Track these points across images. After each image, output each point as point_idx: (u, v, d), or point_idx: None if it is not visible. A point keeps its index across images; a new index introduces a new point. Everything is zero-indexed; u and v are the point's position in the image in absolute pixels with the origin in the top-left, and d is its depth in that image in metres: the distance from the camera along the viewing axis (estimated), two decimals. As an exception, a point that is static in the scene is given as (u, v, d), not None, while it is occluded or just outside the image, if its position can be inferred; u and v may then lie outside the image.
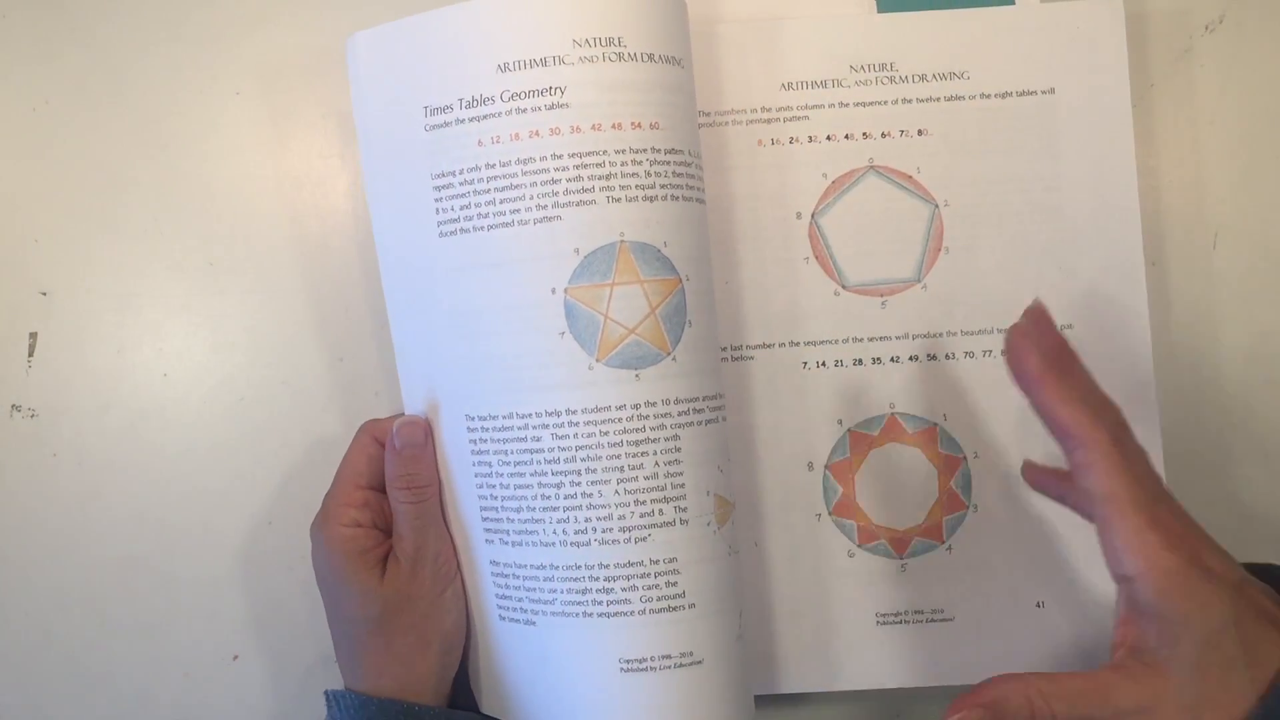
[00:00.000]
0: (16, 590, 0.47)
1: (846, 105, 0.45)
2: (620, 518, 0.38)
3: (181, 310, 0.48)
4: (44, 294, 0.48)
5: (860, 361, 0.44)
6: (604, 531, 0.38)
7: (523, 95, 0.37)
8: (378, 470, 0.42)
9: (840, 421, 0.44)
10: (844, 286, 0.44)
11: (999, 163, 0.44)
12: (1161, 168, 0.47)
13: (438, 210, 0.39)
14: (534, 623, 0.40)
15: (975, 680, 0.43)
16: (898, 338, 0.44)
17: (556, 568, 0.39)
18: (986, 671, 0.43)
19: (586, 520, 0.38)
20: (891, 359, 0.44)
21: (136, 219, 0.48)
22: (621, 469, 0.37)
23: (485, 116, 0.37)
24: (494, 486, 0.40)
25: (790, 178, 0.45)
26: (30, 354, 0.47)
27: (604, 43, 0.37)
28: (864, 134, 0.45)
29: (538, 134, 0.37)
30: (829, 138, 0.45)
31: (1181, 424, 0.46)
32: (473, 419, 0.40)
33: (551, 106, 0.37)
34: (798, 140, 0.45)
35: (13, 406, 0.47)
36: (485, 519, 0.41)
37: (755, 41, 0.44)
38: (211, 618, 0.47)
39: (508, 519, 0.40)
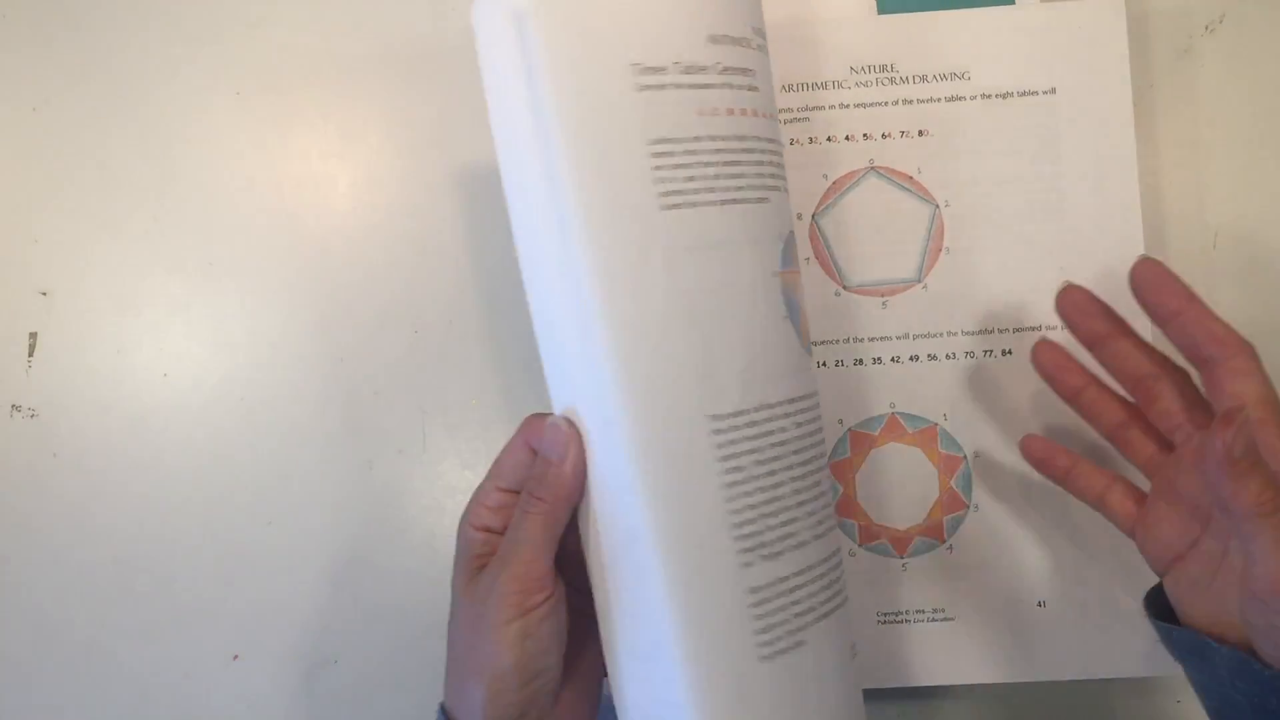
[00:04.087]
0: (16, 590, 0.47)
1: (847, 106, 0.45)
2: (829, 502, 0.37)
3: (181, 310, 0.48)
4: (44, 294, 0.48)
5: (861, 361, 0.44)
6: (829, 518, 0.37)
7: (732, 70, 0.35)
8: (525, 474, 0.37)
9: (841, 421, 0.44)
10: (845, 287, 0.44)
11: (1000, 163, 0.44)
12: (1161, 168, 0.47)
13: (657, 180, 0.34)
14: (804, 641, 0.35)
15: (977, 680, 0.44)
16: (898, 338, 0.44)
17: (812, 567, 0.36)
18: (988, 672, 0.44)
19: (824, 508, 0.36)
20: (892, 359, 0.44)
21: (136, 219, 0.48)
22: (823, 454, 0.37)
23: (704, 86, 0.35)
24: (750, 494, 0.35)
25: (791, 179, 0.44)
26: (30, 354, 0.47)
27: (760, 34, 0.36)
28: (864, 135, 0.45)
29: (746, 112, 0.36)
30: (829, 139, 0.45)
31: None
32: (719, 418, 0.34)
33: (748, 88, 0.36)
34: (798, 141, 0.45)
35: (13, 406, 0.47)
36: (744, 535, 0.35)
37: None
38: (211, 618, 0.47)
39: (768, 528, 0.35)
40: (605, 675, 0.37)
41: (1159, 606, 0.38)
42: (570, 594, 0.37)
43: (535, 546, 0.35)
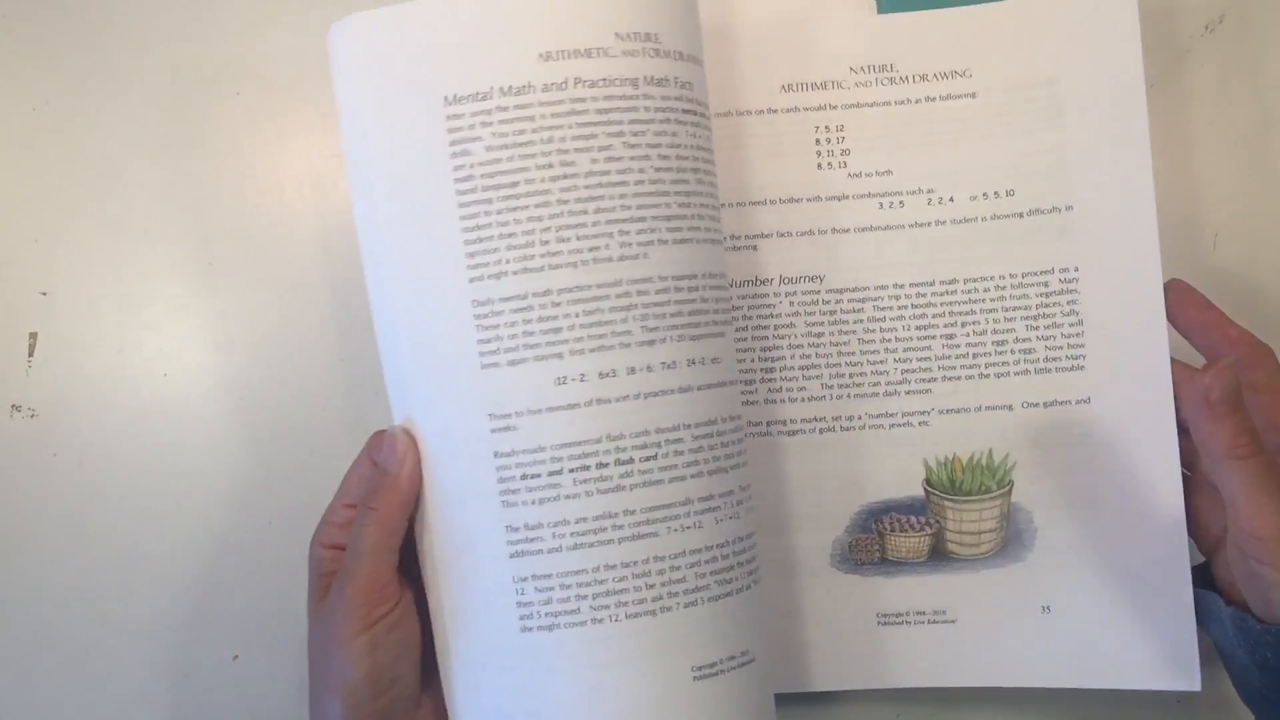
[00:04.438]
0: (16, 590, 0.47)
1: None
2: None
3: (181, 310, 0.48)
4: (44, 294, 0.48)
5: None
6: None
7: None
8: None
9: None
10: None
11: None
12: (1161, 168, 0.47)
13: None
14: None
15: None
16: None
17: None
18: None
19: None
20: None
21: (136, 219, 0.48)
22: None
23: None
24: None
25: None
26: (30, 354, 0.47)
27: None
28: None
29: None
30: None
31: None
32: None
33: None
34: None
35: (13, 406, 0.47)
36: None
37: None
38: (211, 618, 0.47)
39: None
40: None
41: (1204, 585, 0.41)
42: (424, 600, 0.37)
43: (374, 557, 0.36)
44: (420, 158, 0.36)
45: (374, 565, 0.36)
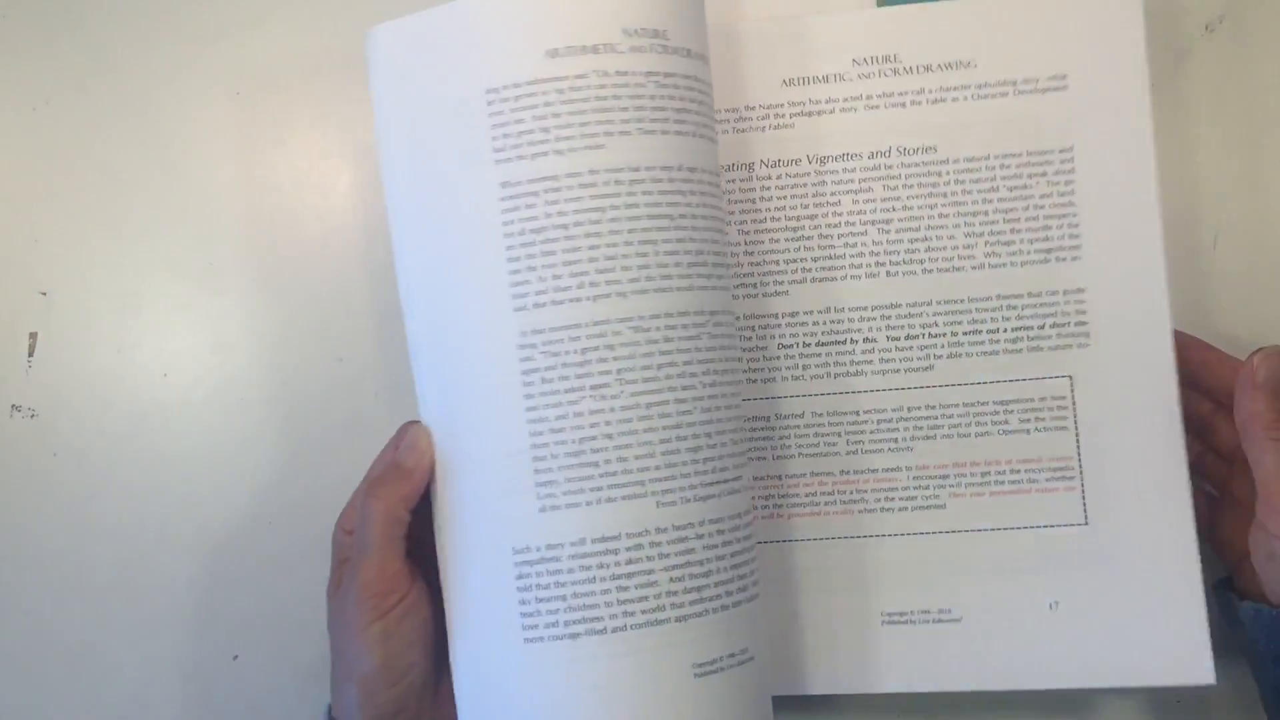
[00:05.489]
0: (16, 590, 0.47)
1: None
2: None
3: (181, 310, 0.48)
4: (44, 294, 0.48)
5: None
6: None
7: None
8: None
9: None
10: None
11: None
12: (1161, 168, 0.47)
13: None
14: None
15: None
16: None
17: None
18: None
19: None
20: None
21: (136, 219, 0.48)
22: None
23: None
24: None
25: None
26: (30, 354, 0.47)
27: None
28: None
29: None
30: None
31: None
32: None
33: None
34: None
35: (13, 406, 0.47)
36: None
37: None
38: (211, 618, 0.47)
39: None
40: None
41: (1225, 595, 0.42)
42: (435, 578, 0.38)
43: (381, 549, 0.36)
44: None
45: (381, 556, 0.36)
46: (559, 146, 0.35)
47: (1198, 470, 0.43)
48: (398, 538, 0.37)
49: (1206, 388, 0.43)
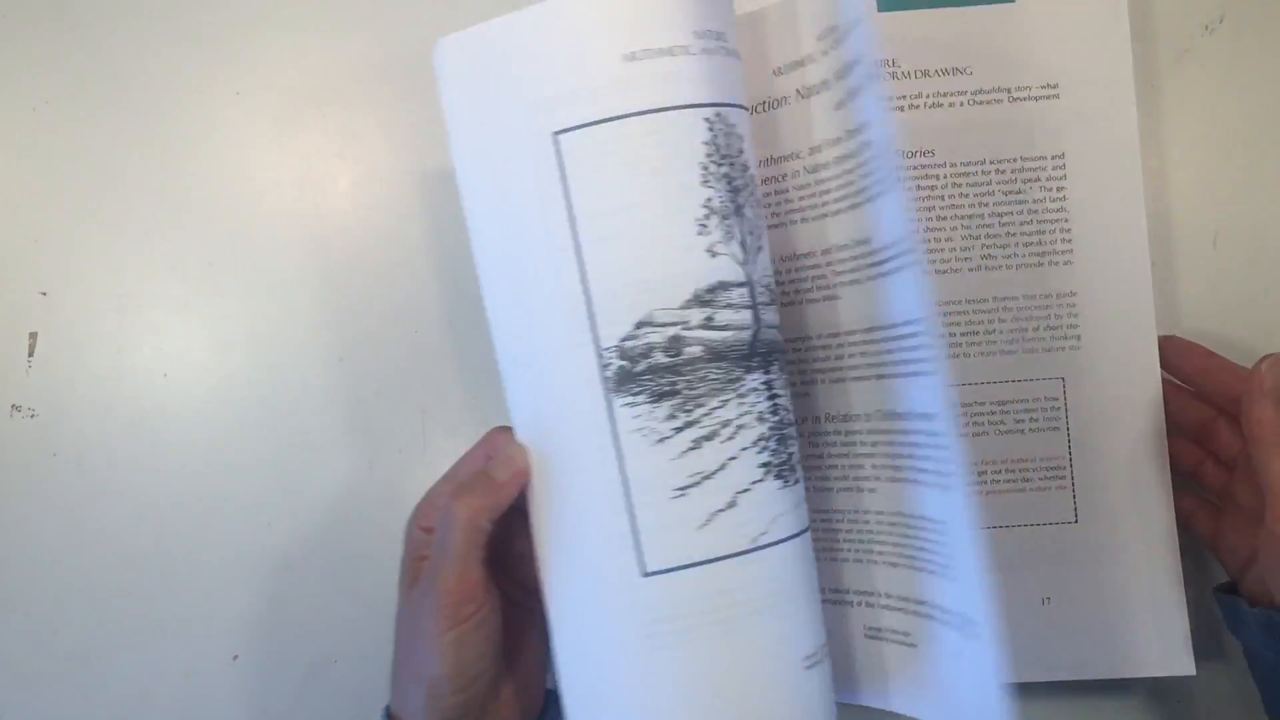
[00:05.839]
0: (16, 590, 0.47)
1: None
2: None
3: (181, 310, 0.48)
4: (44, 294, 0.48)
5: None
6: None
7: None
8: None
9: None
10: None
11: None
12: (1161, 168, 0.47)
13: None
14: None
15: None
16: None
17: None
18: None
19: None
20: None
21: (136, 219, 0.48)
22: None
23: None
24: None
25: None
26: (30, 354, 0.47)
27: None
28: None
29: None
30: None
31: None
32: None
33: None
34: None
35: (13, 406, 0.47)
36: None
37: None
38: (211, 618, 0.47)
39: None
40: (548, 667, 0.38)
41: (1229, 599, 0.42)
42: (508, 585, 0.38)
43: (462, 560, 0.36)
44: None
45: (463, 565, 0.36)
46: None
47: (1197, 478, 0.43)
48: (479, 546, 0.36)
49: (1208, 393, 0.42)
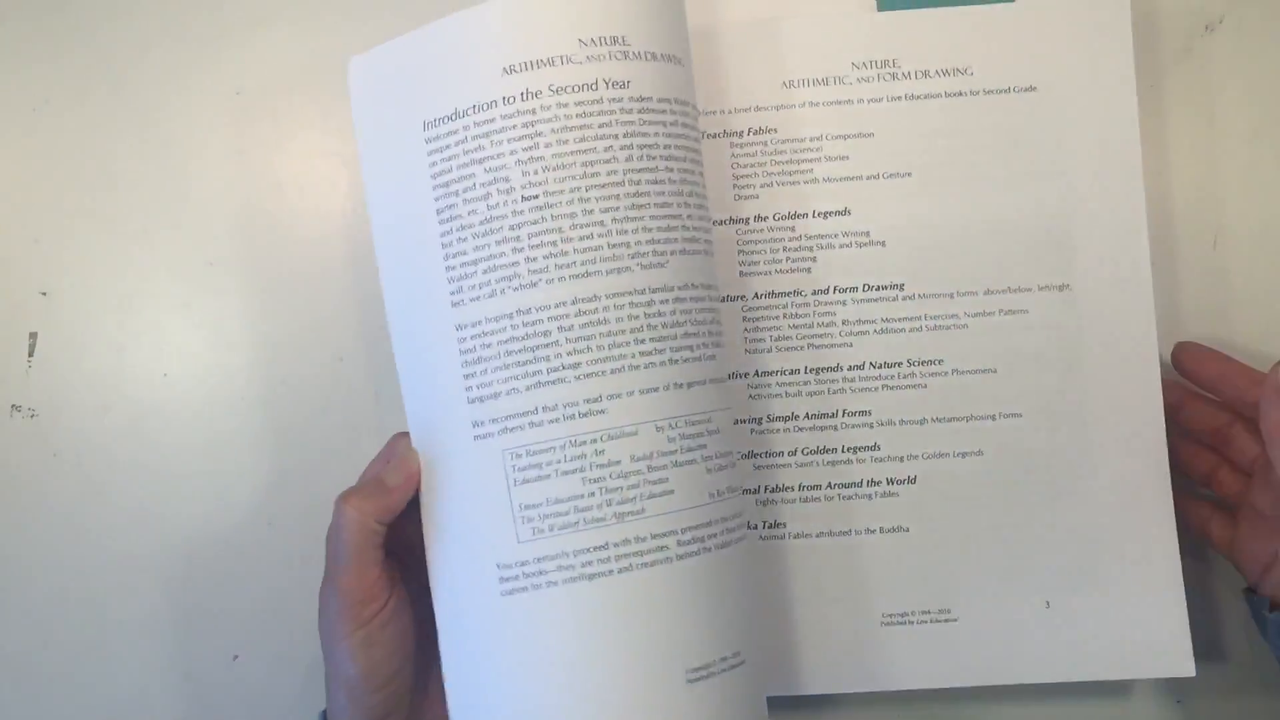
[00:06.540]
0: (16, 590, 0.47)
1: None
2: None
3: (181, 310, 0.48)
4: (44, 294, 0.48)
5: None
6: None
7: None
8: None
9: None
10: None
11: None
12: (1161, 168, 0.47)
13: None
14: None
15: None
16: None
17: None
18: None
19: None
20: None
21: (137, 219, 0.48)
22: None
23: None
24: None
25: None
26: (30, 354, 0.47)
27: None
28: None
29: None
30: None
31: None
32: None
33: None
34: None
35: (13, 406, 0.47)
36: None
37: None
38: (211, 618, 0.47)
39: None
40: None
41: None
42: (423, 584, 0.38)
43: (357, 558, 0.36)
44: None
45: (359, 567, 0.36)
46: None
47: (1211, 484, 0.43)
48: (374, 547, 0.37)
49: (1225, 399, 0.42)
